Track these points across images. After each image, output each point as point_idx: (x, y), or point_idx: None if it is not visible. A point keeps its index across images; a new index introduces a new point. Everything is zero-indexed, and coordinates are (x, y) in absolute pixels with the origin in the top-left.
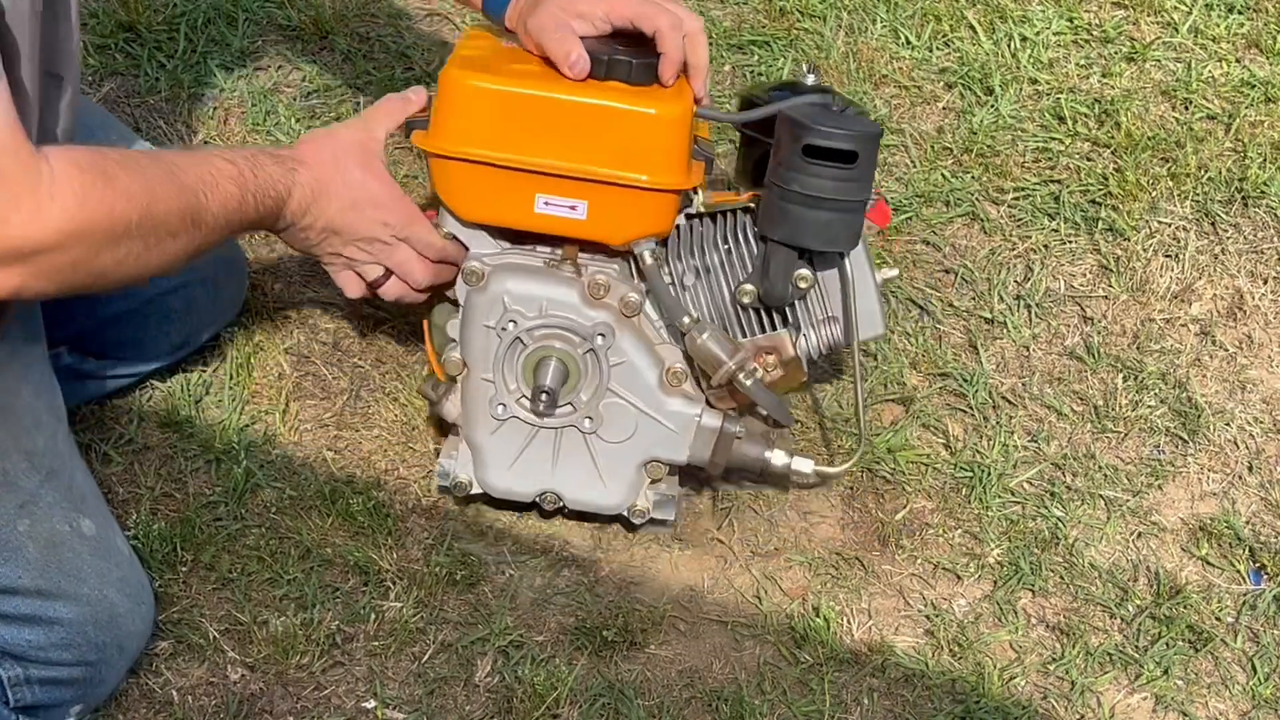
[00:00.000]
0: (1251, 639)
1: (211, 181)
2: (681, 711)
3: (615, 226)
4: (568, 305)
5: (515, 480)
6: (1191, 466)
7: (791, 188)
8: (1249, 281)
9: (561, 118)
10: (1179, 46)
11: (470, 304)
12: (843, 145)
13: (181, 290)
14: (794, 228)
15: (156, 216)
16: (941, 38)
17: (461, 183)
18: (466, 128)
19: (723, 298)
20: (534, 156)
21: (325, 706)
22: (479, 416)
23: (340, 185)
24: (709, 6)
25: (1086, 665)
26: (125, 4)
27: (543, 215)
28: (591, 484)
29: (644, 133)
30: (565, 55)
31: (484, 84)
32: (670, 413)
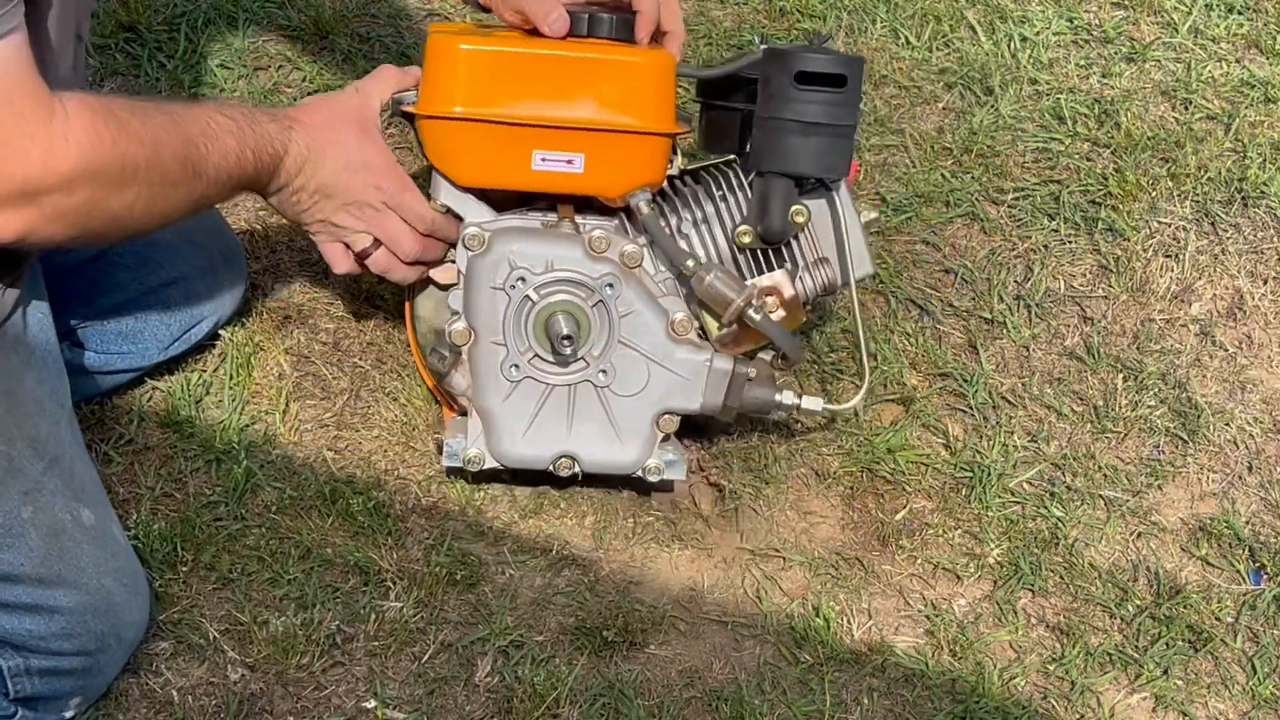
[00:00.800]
0: (1251, 639)
1: (211, 133)
2: (681, 711)
3: (612, 177)
4: (572, 260)
5: (530, 446)
6: (1191, 466)
7: (786, 116)
8: (1249, 282)
9: (552, 72)
10: (1179, 47)
11: (474, 269)
12: (833, 69)
13: (181, 282)
14: (791, 155)
15: (162, 163)
16: (941, 38)
17: (457, 145)
18: (460, 89)
19: (718, 246)
20: (529, 110)
21: (325, 706)
22: (490, 382)
23: (335, 147)
24: (709, 6)
25: (1086, 665)
26: (125, 4)
27: (541, 173)
28: (608, 442)
29: (634, 80)
30: (545, 15)
31: (472, 45)
32: (681, 360)
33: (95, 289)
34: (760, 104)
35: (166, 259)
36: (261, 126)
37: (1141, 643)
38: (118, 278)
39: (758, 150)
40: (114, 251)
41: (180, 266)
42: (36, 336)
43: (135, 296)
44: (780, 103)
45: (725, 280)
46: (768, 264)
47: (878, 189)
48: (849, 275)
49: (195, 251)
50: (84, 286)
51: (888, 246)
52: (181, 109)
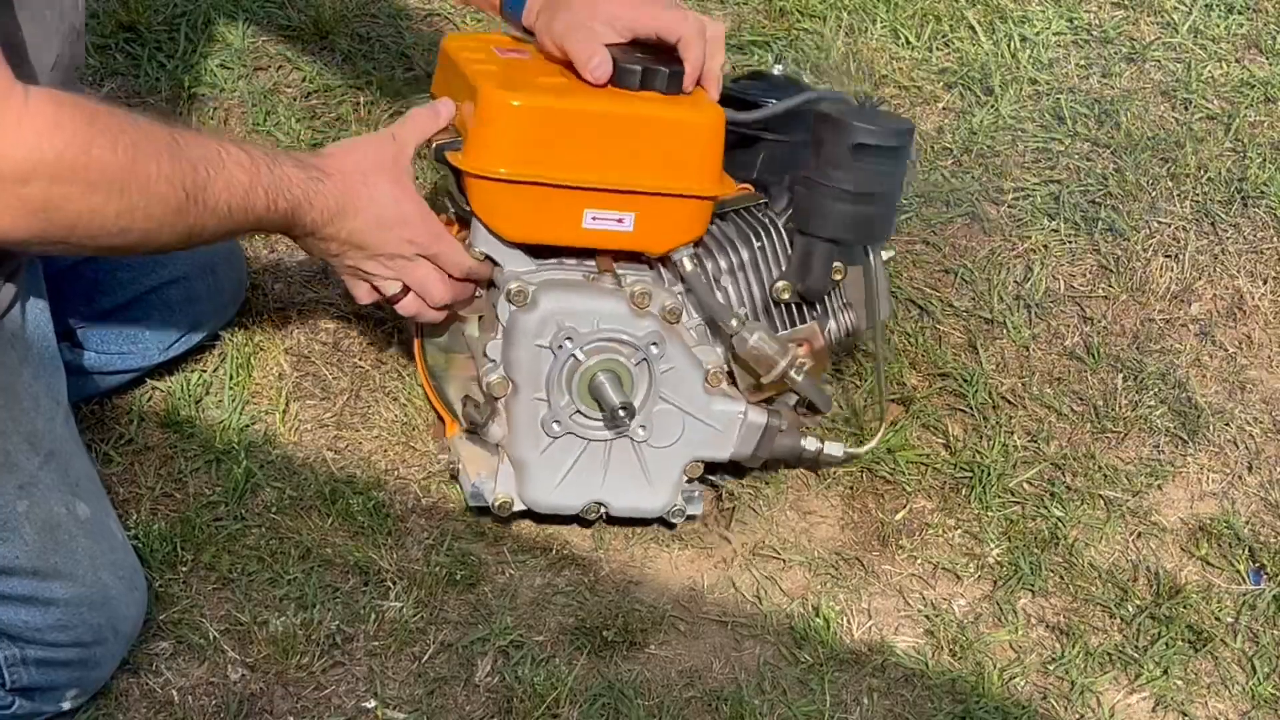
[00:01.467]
0: (1251, 639)
1: (217, 161)
2: (681, 711)
3: (660, 236)
4: (618, 317)
5: (563, 496)
6: (1191, 466)
7: (838, 185)
8: (1249, 281)
9: (606, 131)
10: (1179, 47)
11: (517, 324)
12: (889, 142)
13: (182, 281)
14: (841, 222)
15: (143, 173)
16: (941, 38)
17: (507, 203)
18: (511, 147)
19: (754, 295)
20: (583, 173)
21: (325, 706)
22: (528, 435)
23: (368, 201)
24: (709, 6)
25: (1086, 665)
26: (125, 4)
27: (590, 230)
28: (639, 490)
29: (689, 142)
30: (588, 59)
31: (523, 101)
32: (715, 413)
33: (95, 288)
34: (811, 166)
35: (167, 259)
36: (282, 169)
37: (1141, 643)
38: (118, 277)
39: (804, 211)
40: None
41: (180, 266)
42: (34, 332)
43: (136, 296)
44: (832, 170)
45: (768, 341)
46: (799, 313)
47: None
48: (874, 319)
49: (196, 253)
50: (84, 286)
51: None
52: (189, 132)
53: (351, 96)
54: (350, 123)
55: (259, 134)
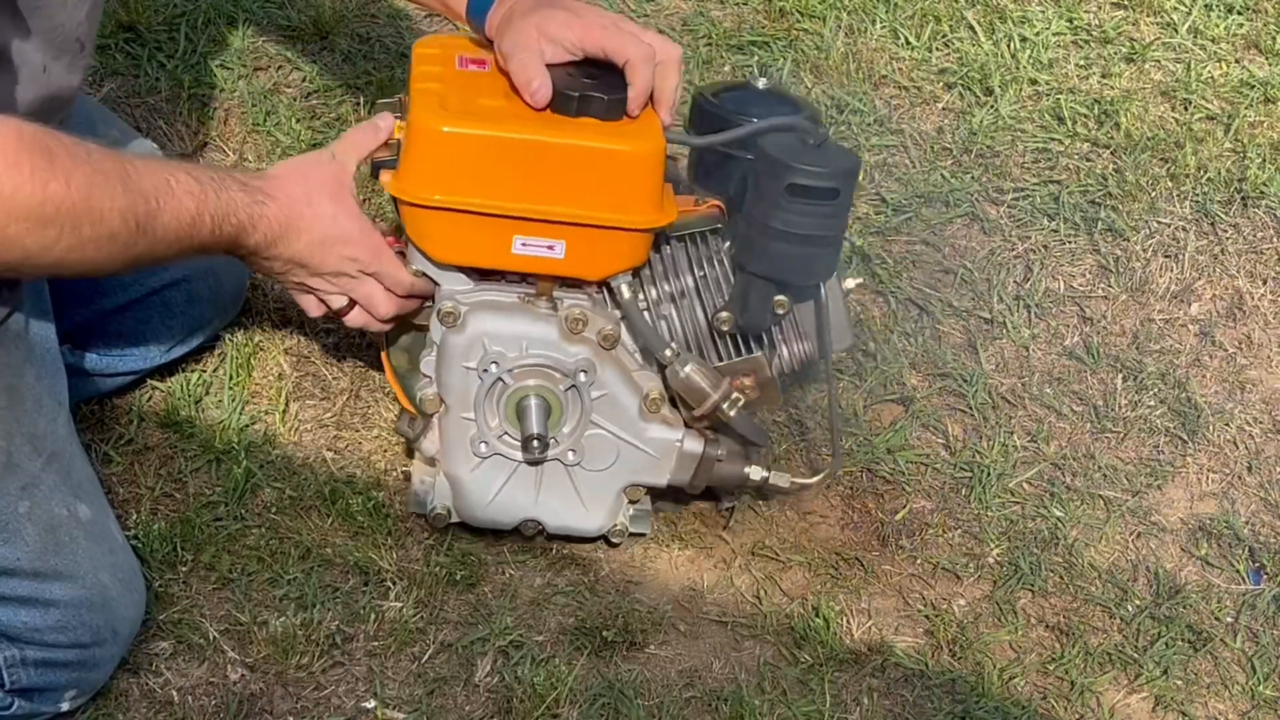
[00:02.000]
0: (1251, 639)
1: (167, 191)
2: (681, 711)
3: (594, 264)
4: (548, 342)
5: (496, 512)
6: (1191, 466)
7: (773, 224)
8: (1248, 282)
9: (537, 159)
10: (1179, 47)
11: (447, 345)
12: (826, 184)
13: (183, 283)
14: (776, 263)
15: (94, 210)
16: (941, 38)
17: (436, 228)
18: (439, 174)
19: (697, 322)
20: (511, 201)
21: (325, 706)
22: (459, 453)
23: (310, 220)
24: (709, 6)
25: (1086, 665)
26: (125, 4)
27: (520, 256)
28: (573, 511)
29: (621, 172)
30: (527, 83)
31: (455, 128)
32: (651, 439)
33: (97, 291)
34: (749, 201)
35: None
36: (228, 194)
37: (1141, 643)
38: (120, 280)
39: (743, 247)
40: None
41: (183, 269)
42: (36, 334)
43: (137, 298)
44: (769, 209)
45: (701, 373)
46: (745, 344)
47: (878, 189)
48: (825, 352)
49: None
50: (85, 288)
51: (888, 246)
52: (141, 163)
53: (351, 96)
54: (350, 123)
55: (259, 133)
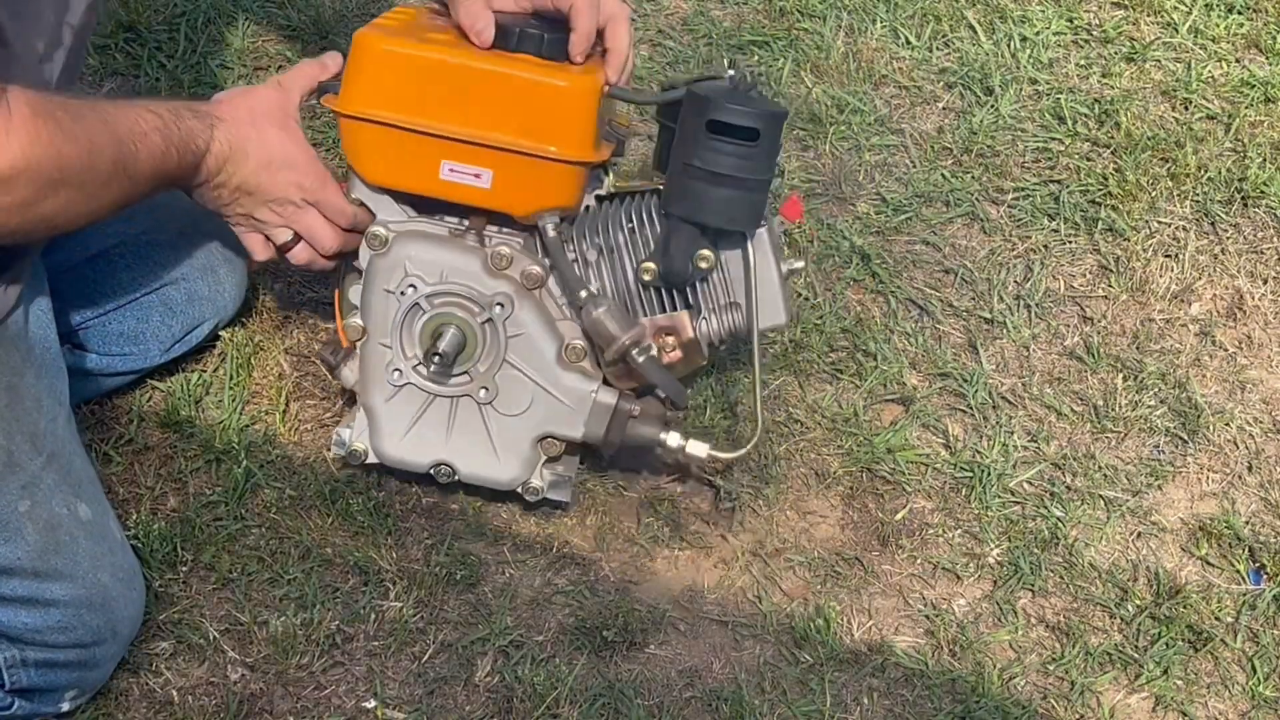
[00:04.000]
0: (1251, 639)
1: (140, 132)
2: (681, 711)
3: (520, 197)
4: (468, 273)
5: (409, 450)
6: (1191, 466)
7: (694, 163)
8: (1249, 282)
9: (469, 85)
10: (1179, 46)
11: (372, 268)
12: (745, 122)
13: (182, 282)
14: (695, 204)
15: (96, 166)
16: (941, 38)
17: (368, 144)
18: (375, 90)
19: (625, 277)
20: (440, 122)
21: (325, 706)
22: (376, 382)
23: (256, 144)
24: (709, 6)
25: (1086, 665)
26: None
27: (447, 182)
28: (485, 457)
29: (551, 104)
30: (472, 24)
31: (394, 47)
32: (566, 388)
33: (96, 289)
34: (675, 144)
35: (168, 259)
36: (185, 123)
37: (1141, 643)
38: (119, 278)
39: (667, 191)
40: (115, 252)
41: (181, 267)
42: (36, 333)
43: (137, 297)
44: (691, 148)
45: (613, 317)
46: (672, 303)
47: (878, 189)
48: (752, 317)
49: (196, 251)
50: (84, 287)
51: (888, 246)
52: (112, 108)
53: None
54: None
55: None
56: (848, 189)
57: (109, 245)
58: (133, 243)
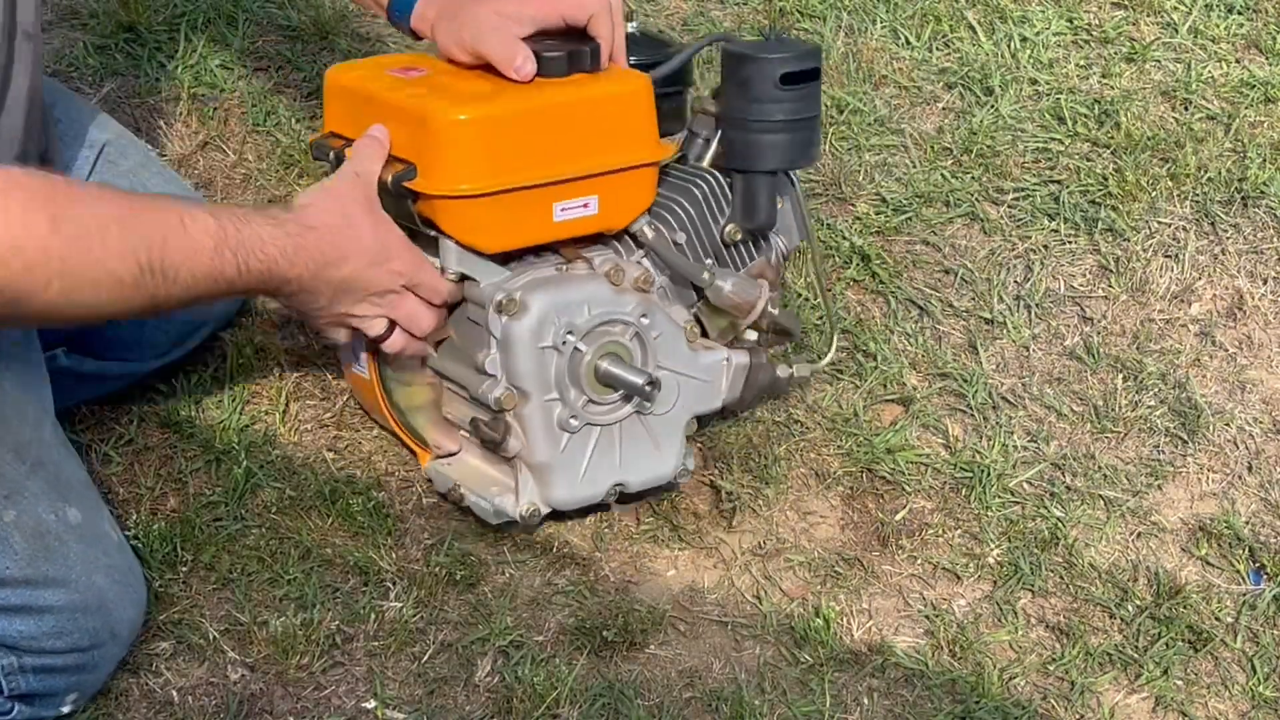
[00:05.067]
0: (1251, 639)
1: (178, 229)
2: (681, 711)
3: (621, 211)
4: (604, 299)
5: (585, 488)
6: (1191, 466)
7: (775, 118)
8: (1249, 282)
9: (555, 124)
10: (1179, 47)
11: (514, 334)
12: (813, 64)
13: None
14: (781, 154)
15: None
16: (941, 38)
17: (479, 216)
18: (468, 162)
19: (705, 244)
20: (545, 170)
21: (325, 706)
22: (546, 438)
23: (354, 242)
24: (709, 6)
25: (1086, 665)
26: (125, 4)
27: (561, 223)
28: (650, 461)
29: (629, 113)
30: (511, 59)
31: (472, 114)
32: (704, 365)
33: None
34: (738, 107)
35: None
36: (252, 229)
37: (1141, 643)
38: None
39: (741, 151)
40: None
41: None
42: (19, 339)
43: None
44: (765, 105)
45: (743, 283)
46: (747, 250)
47: (878, 189)
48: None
49: None
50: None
51: (888, 246)
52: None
53: None
54: None
55: (259, 133)
56: (848, 189)
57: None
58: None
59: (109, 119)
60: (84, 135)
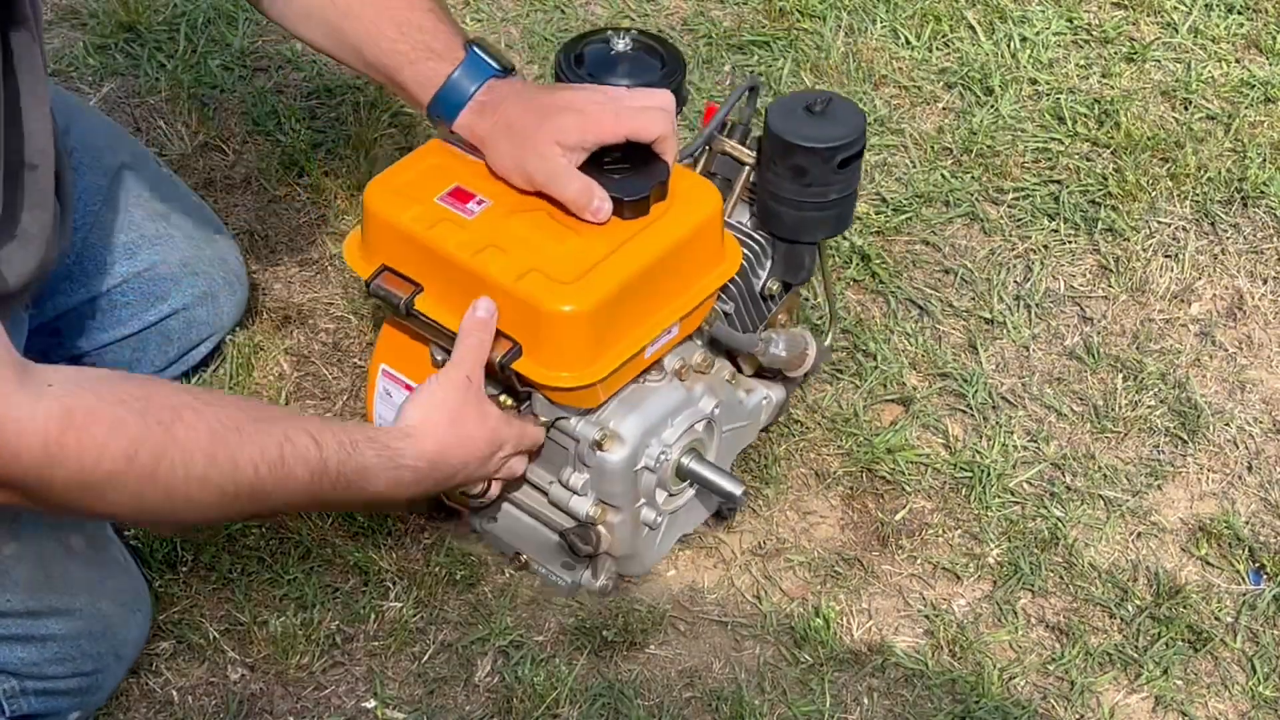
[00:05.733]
0: (1251, 639)
1: (276, 460)
2: (681, 711)
3: (694, 323)
4: (683, 404)
5: (659, 554)
6: (1191, 466)
7: (830, 197)
8: (1249, 282)
9: (654, 279)
10: (1179, 47)
11: (609, 466)
12: (861, 144)
13: (182, 312)
14: (832, 226)
15: (184, 491)
16: (941, 38)
17: (591, 389)
18: (582, 351)
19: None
20: (649, 330)
21: (325, 706)
22: (634, 536)
23: (469, 454)
24: (709, 6)
25: (1086, 665)
26: (125, 4)
27: (651, 356)
28: (706, 507)
29: (708, 239)
30: (586, 204)
31: (577, 306)
32: (750, 411)
33: (96, 328)
34: (789, 189)
35: (170, 292)
36: (357, 461)
37: (1141, 643)
38: (119, 314)
39: (791, 226)
40: (116, 290)
41: (182, 298)
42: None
43: (136, 332)
44: (823, 189)
45: (792, 342)
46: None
47: (878, 189)
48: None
49: (198, 281)
50: (84, 325)
51: (888, 246)
52: (248, 427)
53: (352, 97)
54: (350, 123)
55: (259, 134)
56: None
57: (112, 285)
58: (135, 279)
59: (122, 133)
60: (98, 161)
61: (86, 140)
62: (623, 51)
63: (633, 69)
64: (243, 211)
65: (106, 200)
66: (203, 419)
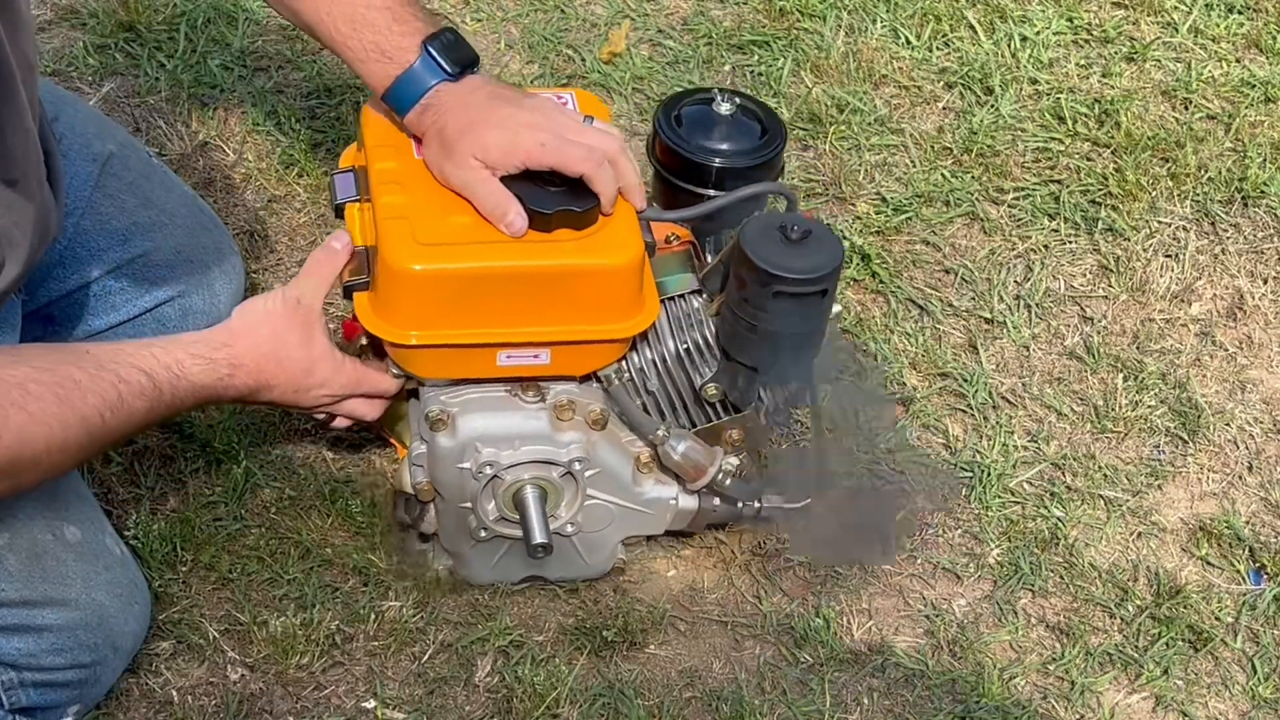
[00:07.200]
0: (1251, 639)
1: (115, 402)
2: (681, 711)
3: (578, 365)
4: (539, 436)
5: (499, 574)
6: (1191, 466)
7: (761, 325)
8: (1249, 281)
9: (519, 285)
10: (1179, 46)
11: (439, 447)
12: (812, 288)
13: (178, 299)
14: (764, 358)
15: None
16: (941, 38)
17: (422, 360)
18: (419, 312)
19: (682, 386)
20: (495, 329)
21: (325, 706)
22: (459, 534)
23: (283, 376)
24: (709, 6)
25: (1086, 665)
26: (125, 4)
27: (506, 367)
28: (573, 565)
29: (604, 286)
30: (502, 216)
31: (429, 266)
32: (648, 500)
33: (91, 315)
34: (731, 293)
35: (164, 278)
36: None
37: (1141, 643)
38: (113, 301)
39: (729, 338)
40: (110, 277)
41: (177, 285)
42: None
43: (131, 318)
44: (755, 311)
45: (695, 450)
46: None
47: (878, 189)
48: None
49: (193, 268)
50: (78, 313)
51: (888, 246)
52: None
53: (351, 96)
54: (350, 123)
55: (259, 134)
56: (848, 189)
57: (105, 270)
58: (128, 267)
59: (111, 125)
60: (87, 148)
61: (75, 127)
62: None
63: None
64: (243, 211)
65: (97, 186)
66: (45, 386)
